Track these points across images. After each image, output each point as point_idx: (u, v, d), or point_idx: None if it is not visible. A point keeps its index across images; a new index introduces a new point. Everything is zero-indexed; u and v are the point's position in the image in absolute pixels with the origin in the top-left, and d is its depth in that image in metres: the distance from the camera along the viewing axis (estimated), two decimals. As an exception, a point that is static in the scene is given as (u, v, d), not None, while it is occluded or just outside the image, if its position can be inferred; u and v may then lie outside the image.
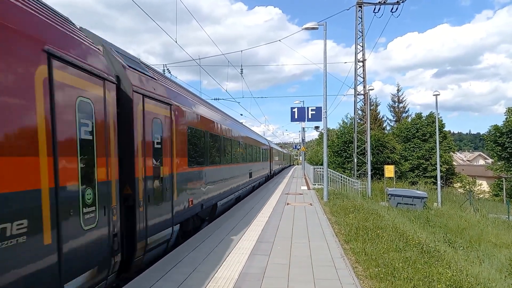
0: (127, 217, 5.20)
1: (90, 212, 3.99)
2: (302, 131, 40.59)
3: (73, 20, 4.49)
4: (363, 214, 10.95)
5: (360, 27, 25.96)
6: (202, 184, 8.74)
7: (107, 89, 4.44)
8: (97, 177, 4.15)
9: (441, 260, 6.36)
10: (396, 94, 52.92)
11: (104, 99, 4.38)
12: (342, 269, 5.63)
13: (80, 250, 3.79)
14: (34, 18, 3.35)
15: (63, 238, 3.47)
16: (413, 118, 42.20)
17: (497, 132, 32.18)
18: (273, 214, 10.99)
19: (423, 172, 38.22)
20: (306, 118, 16.70)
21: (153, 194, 5.80)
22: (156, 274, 5.33)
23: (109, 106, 4.50)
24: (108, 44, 5.53)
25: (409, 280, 5.15)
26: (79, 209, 3.79)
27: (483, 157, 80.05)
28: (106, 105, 4.41)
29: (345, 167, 33.58)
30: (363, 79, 26.09)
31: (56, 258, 3.37)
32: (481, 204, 24.26)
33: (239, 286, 4.88)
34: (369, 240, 7.53)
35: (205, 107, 10.17)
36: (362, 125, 28.27)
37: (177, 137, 6.96)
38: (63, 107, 3.57)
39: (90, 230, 3.97)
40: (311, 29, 15.03)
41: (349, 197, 16.33)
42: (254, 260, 6.08)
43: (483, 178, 46.98)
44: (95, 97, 4.17)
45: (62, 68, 3.56)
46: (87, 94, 4.02)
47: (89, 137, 4.03)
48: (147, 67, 6.89)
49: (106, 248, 4.34)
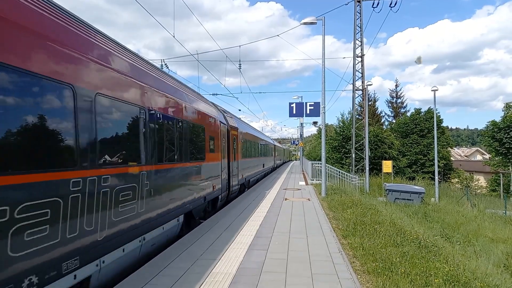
0: (228, 178, 12.93)
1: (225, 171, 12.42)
2: (300, 126, 40.54)
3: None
4: (361, 209, 10.97)
5: (358, 22, 25.85)
6: (248, 167, 17.72)
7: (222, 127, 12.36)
8: (225, 161, 12.38)
9: (439, 255, 6.37)
10: (394, 89, 52.98)
11: (226, 132, 13.26)
12: (340, 264, 5.64)
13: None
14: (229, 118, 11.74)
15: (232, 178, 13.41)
16: (412, 114, 42.20)
17: (495, 128, 32.21)
18: (271, 209, 11.00)
19: (420, 167, 38.32)
20: (305, 113, 16.69)
21: (235, 168, 14.30)
22: (154, 269, 5.32)
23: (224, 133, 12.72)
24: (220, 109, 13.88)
25: (406, 275, 5.17)
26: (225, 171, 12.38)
27: (481, 153, 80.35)
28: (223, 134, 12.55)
29: (343, 162, 33.60)
30: (361, 74, 26.03)
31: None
32: (478, 199, 24.33)
33: (237, 280, 4.89)
34: (367, 235, 7.55)
35: (248, 125, 22.46)
36: (360, 121, 28.26)
37: (239, 144, 15.49)
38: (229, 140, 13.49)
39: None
40: (309, 24, 14.95)
41: (347, 193, 16.37)
42: (252, 255, 6.09)
43: (481, 174, 47.14)
44: (224, 130, 12.79)
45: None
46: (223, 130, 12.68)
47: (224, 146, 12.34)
48: (233, 115, 16.84)
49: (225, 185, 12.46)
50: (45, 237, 3.39)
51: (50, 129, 3.62)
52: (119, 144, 5.08)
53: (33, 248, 3.25)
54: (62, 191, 3.67)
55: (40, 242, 3.33)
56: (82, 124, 4.05)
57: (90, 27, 4.81)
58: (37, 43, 3.49)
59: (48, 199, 3.46)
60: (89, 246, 4.13)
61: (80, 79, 4.10)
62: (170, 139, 6.91)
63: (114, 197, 4.70)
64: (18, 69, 3.18)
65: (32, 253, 3.23)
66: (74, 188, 3.86)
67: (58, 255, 3.60)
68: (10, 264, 3.01)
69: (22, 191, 3.18)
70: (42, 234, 3.36)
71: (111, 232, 4.61)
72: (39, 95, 3.47)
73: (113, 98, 4.82)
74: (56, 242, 3.55)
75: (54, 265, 3.54)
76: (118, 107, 5.00)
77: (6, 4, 3.22)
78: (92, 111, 4.29)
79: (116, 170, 4.84)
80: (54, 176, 3.58)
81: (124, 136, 5.21)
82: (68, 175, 3.79)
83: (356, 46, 25.95)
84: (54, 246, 3.52)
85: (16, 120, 3.18)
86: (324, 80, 15.45)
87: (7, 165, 3.06)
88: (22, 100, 3.26)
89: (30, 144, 3.35)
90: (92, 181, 4.20)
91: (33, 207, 3.26)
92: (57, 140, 3.72)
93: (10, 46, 3.15)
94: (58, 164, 3.69)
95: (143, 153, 5.66)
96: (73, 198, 3.84)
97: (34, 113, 3.39)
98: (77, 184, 3.90)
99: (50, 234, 3.46)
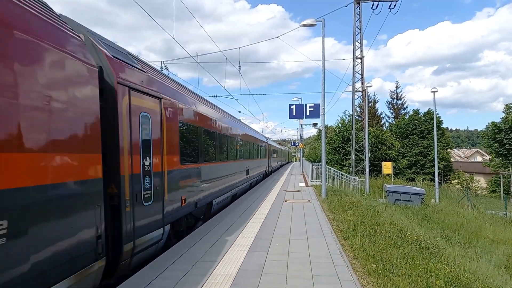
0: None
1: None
2: (300, 128, 40.53)
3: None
4: (361, 210, 10.96)
5: (358, 23, 25.90)
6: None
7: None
8: (269, 158, 26.45)
9: (439, 256, 6.37)
10: (394, 91, 53.00)
11: (268, 147, 26.34)
12: (341, 266, 5.63)
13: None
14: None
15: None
16: (411, 115, 42.25)
17: (495, 129, 32.25)
18: (271, 211, 10.99)
19: (420, 168, 38.34)
20: (304, 115, 16.67)
21: (270, 161, 27.70)
22: (154, 271, 5.32)
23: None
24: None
25: (407, 276, 5.16)
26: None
27: (481, 154, 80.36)
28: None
29: (343, 164, 33.61)
30: (361, 76, 26.06)
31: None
32: (479, 201, 24.36)
33: (237, 282, 4.88)
34: (367, 236, 7.54)
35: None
36: (360, 122, 28.27)
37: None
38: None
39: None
40: (309, 26, 14.98)
41: (347, 194, 16.35)
42: (252, 257, 6.08)
43: (481, 175, 47.09)
44: (267, 147, 26.04)
45: None
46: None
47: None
48: (270, 139, 23.60)
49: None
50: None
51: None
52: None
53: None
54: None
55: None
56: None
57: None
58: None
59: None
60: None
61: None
62: None
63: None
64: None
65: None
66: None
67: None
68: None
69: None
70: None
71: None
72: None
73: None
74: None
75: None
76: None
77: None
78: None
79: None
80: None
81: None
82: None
83: (355, 47, 26.00)
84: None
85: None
86: (324, 81, 15.46)
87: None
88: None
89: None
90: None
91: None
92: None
93: None
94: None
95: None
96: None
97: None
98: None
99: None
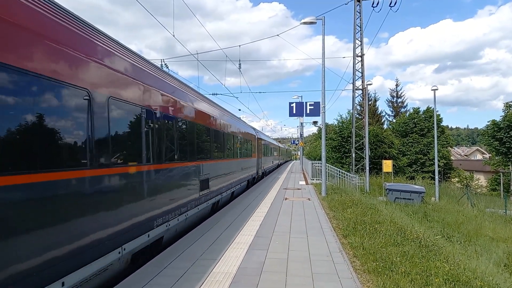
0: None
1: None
2: (300, 126, 40.52)
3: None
4: (361, 208, 10.97)
5: (358, 21, 25.83)
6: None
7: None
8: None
9: (439, 254, 6.37)
10: (395, 89, 52.97)
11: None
12: (340, 264, 5.64)
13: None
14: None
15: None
16: (411, 113, 42.18)
17: (495, 127, 32.24)
18: (271, 209, 11.00)
19: (420, 167, 38.30)
20: (305, 113, 16.66)
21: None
22: (154, 269, 5.32)
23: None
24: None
25: (406, 274, 5.17)
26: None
27: (481, 152, 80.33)
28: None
29: (343, 162, 33.59)
30: (361, 74, 26.01)
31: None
32: (479, 199, 24.34)
33: (237, 280, 4.89)
34: (367, 234, 7.55)
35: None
36: (360, 120, 28.26)
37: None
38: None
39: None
40: (309, 24, 14.96)
41: (347, 192, 16.37)
42: (252, 255, 6.09)
43: (481, 173, 47.13)
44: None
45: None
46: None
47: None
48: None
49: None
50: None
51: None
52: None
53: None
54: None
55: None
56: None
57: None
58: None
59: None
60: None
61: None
62: None
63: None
64: None
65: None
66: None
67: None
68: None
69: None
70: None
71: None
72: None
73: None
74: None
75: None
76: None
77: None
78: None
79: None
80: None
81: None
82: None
83: (356, 45, 25.94)
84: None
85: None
86: (324, 79, 15.44)
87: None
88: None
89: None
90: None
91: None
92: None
93: None
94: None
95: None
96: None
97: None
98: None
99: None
